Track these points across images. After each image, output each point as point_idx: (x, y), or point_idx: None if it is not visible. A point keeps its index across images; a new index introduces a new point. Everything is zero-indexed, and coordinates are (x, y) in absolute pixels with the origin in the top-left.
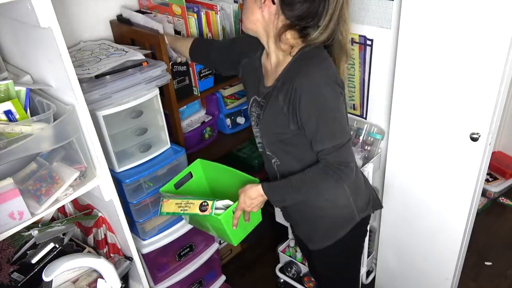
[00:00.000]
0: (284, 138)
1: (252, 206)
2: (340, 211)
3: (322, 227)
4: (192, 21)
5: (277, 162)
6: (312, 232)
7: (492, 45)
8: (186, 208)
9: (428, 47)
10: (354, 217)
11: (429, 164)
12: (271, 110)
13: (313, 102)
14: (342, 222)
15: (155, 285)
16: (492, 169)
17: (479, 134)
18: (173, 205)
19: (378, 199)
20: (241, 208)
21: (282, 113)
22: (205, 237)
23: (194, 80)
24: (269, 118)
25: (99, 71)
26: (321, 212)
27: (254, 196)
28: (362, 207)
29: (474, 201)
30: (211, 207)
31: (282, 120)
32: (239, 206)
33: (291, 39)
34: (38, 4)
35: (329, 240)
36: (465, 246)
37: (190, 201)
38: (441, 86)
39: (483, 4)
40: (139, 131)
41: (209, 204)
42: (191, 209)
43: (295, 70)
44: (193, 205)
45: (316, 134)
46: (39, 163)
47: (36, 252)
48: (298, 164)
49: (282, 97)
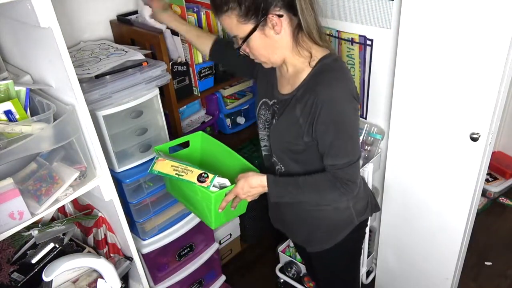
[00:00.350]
0: (294, 148)
1: (248, 195)
2: (339, 214)
3: (321, 230)
4: (192, 21)
5: (281, 170)
6: (310, 235)
7: (492, 45)
8: (183, 174)
9: (428, 47)
10: (353, 220)
11: (429, 164)
12: (286, 119)
13: (332, 117)
14: (341, 225)
15: (155, 285)
16: (492, 169)
17: (479, 134)
18: (168, 167)
19: (376, 202)
20: (236, 193)
21: (298, 124)
22: (205, 237)
23: (194, 80)
24: (283, 126)
25: (99, 71)
26: (320, 215)
27: (255, 185)
28: (360, 211)
29: (474, 201)
30: (210, 180)
31: (296, 131)
32: (234, 190)
33: (306, 40)
34: (38, 4)
35: (328, 243)
36: (465, 246)
37: (188, 167)
38: (441, 86)
39: (483, 4)
40: (139, 131)
41: (210, 177)
42: (187, 176)
43: (317, 82)
44: (191, 173)
45: (330, 149)
46: (39, 163)
47: (36, 252)
48: (303, 173)
49: (300, 108)
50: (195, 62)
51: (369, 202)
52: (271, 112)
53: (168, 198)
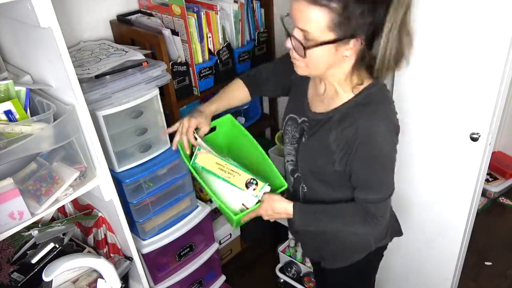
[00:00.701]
0: (323, 171)
1: (270, 217)
2: (356, 237)
3: (337, 248)
4: (192, 21)
5: (305, 189)
6: (325, 252)
7: (492, 45)
8: (229, 175)
9: (428, 47)
10: (370, 246)
11: (429, 164)
12: (317, 141)
13: (371, 153)
14: (357, 248)
15: (155, 285)
16: (492, 169)
17: (479, 134)
18: (213, 163)
19: (399, 227)
20: (258, 214)
21: (330, 150)
22: (205, 237)
23: (194, 80)
24: (314, 148)
25: (99, 71)
26: (338, 235)
27: (279, 211)
28: (378, 237)
29: (474, 201)
30: (260, 189)
31: (327, 157)
32: (257, 210)
33: (365, 71)
34: (38, 4)
35: (343, 262)
36: (465, 246)
37: (235, 169)
38: (441, 86)
39: (483, 4)
40: (139, 131)
41: (259, 185)
42: (234, 178)
43: (360, 113)
44: (238, 176)
45: (364, 183)
46: (39, 163)
47: (36, 252)
48: (329, 197)
49: (334, 134)
50: (195, 62)
51: (389, 228)
52: (299, 130)
53: (168, 198)
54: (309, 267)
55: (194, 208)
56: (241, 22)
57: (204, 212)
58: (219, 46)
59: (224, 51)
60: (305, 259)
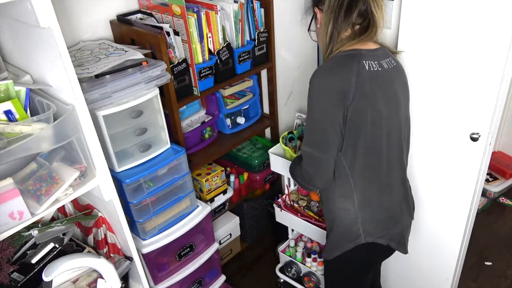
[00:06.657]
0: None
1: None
2: (347, 216)
3: (334, 235)
4: (192, 21)
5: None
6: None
7: (492, 45)
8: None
9: (428, 47)
10: (359, 236)
11: (429, 164)
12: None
13: (308, 103)
14: (348, 236)
15: (155, 285)
16: (492, 169)
17: (479, 134)
18: None
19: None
20: None
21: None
22: (205, 237)
23: (194, 80)
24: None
25: (98, 71)
26: (335, 216)
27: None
28: (369, 231)
29: (474, 201)
30: None
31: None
32: None
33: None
34: (38, 4)
35: (333, 252)
36: (465, 246)
37: None
38: (441, 86)
39: (483, 4)
40: (139, 131)
41: None
42: None
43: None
44: None
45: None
46: (39, 163)
47: (36, 252)
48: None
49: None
50: (195, 62)
51: (388, 234)
52: None
53: (168, 198)
54: (309, 267)
55: (194, 208)
56: (241, 22)
57: (204, 212)
58: (219, 46)
59: (224, 51)
60: (305, 259)
